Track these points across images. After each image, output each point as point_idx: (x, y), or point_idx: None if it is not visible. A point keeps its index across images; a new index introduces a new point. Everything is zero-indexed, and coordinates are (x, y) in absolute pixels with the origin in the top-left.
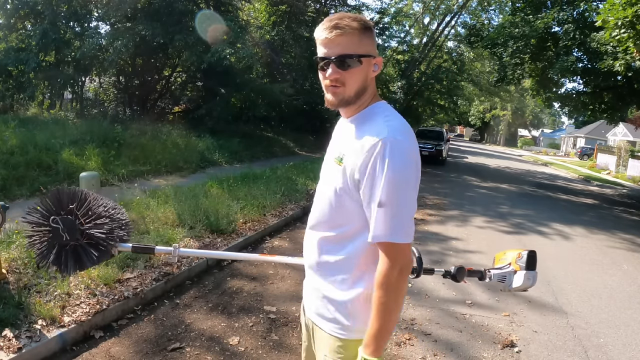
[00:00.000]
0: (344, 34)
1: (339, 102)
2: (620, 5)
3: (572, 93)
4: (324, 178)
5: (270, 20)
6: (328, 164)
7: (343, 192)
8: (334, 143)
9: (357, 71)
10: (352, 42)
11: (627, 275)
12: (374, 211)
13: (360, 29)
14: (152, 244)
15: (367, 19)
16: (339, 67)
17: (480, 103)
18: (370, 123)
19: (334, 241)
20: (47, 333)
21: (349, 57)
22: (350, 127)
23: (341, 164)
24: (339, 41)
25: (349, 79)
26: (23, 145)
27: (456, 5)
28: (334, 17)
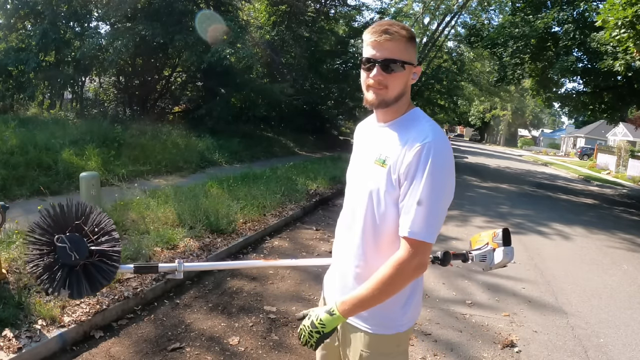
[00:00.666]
0: (392, 39)
1: (379, 103)
2: (620, 5)
3: (572, 93)
4: (361, 180)
5: (270, 20)
6: (365, 166)
7: (386, 194)
8: (369, 146)
9: (399, 76)
10: (399, 48)
11: (627, 275)
12: (413, 208)
13: (407, 38)
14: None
15: (413, 31)
16: (383, 70)
17: (480, 103)
18: (415, 127)
19: (373, 242)
20: (47, 333)
21: (394, 62)
22: (390, 131)
23: (385, 166)
24: (387, 46)
25: (392, 82)
26: (23, 145)
27: (456, 5)
28: (385, 22)
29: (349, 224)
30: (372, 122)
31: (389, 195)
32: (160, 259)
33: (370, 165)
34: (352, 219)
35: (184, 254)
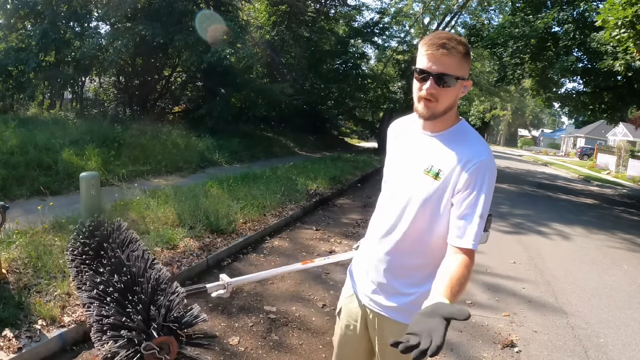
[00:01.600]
0: (449, 54)
1: (430, 115)
2: (620, 5)
3: (572, 93)
4: (407, 187)
5: (270, 20)
6: (412, 174)
7: (434, 203)
8: (416, 154)
9: (451, 90)
10: (454, 63)
11: (627, 275)
12: (476, 221)
13: (463, 53)
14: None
15: (468, 45)
16: (437, 83)
17: (480, 103)
18: (467, 143)
19: (413, 246)
20: (47, 333)
21: (449, 76)
22: (440, 143)
23: (438, 179)
24: (443, 60)
25: (443, 96)
26: (23, 145)
27: (456, 5)
28: (443, 35)
29: (391, 226)
30: (416, 129)
31: (437, 205)
32: (160, 259)
33: (419, 174)
34: (394, 221)
35: (184, 254)
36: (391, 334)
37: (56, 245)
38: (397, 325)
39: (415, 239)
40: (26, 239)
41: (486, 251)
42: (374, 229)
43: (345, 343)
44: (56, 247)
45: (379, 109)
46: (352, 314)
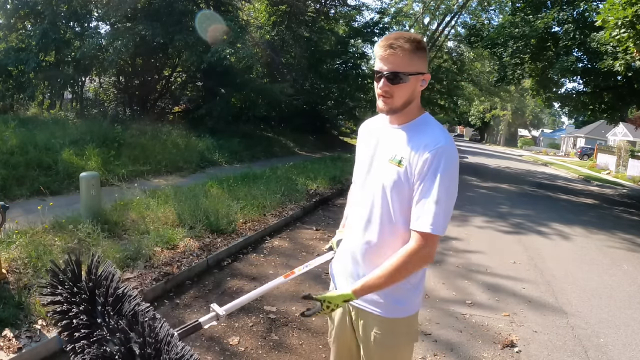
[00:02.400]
0: (395, 54)
1: (388, 110)
2: (620, 5)
3: (572, 93)
4: (376, 176)
5: (270, 20)
6: (379, 164)
7: (400, 191)
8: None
9: (404, 86)
10: (403, 61)
11: (627, 275)
12: (431, 205)
13: (411, 50)
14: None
15: (421, 40)
16: (389, 81)
17: (480, 103)
18: (428, 132)
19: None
20: (47, 333)
21: (397, 74)
22: (404, 133)
23: (401, 166)
24: (391, 60)
25: (397, 92)
26: (23, 145)
27: (456, 5)
28: (392, 36)
29: (366, 216)
30: (383, 124)
31: (403, 192)
32: (160, 259)
33: (385, 163)
34: (369, 212)
35: (184, 254)
36: (370, 328)
37: (56, 245)
38: (377, 318)
39: (390, 229)
40: (26, 239)
41: (486, 251)
42: (350, 222)
43: (337, 341)
44: (56, 247)
45: None
46: (339, 312)
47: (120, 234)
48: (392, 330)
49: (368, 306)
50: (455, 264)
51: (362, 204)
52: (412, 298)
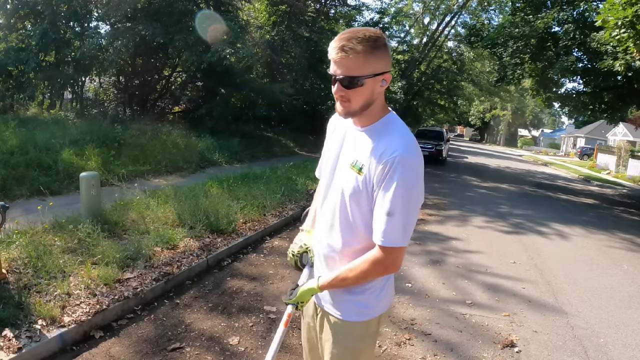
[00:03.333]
0: (348, 57)
1: (346, 114)
2: (620, 5)
3: (572, 93)
4: (338, 179)
5: (270, 20)
6: (341, 167)
7: (358, 198)
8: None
9: (360, 90)
10: (356, 64)
11: (627, 275)
12: (383, 219)
13: (364, 52)
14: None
15: (377, 38)
16: (343, 86)
17: (480, 103)
18: (386, 137)
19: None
20: (47, 333)
21: (351, 78)
22: (365, 137)
23: (361, 174)
24: (343, 63)
25: (353, 96)
26: (23, 145)
27: (456, 5)
28: (343, 37)
29: (330, 221)
30: (349, 123)
31: (362, 200)
32: (160, 259)
33: (346, 168)
34: (331, 216)
35: (184, 254)
36: (333, 329)
37: (56, 245)
38: (339, 320)
39: (350, 234)
40: (26, 239)
41: (486, 251)
42: (317, 224)
43: (308, 341)
44: (56, 247)
45: None
46: (309, 312)
47: (120, 234)
48: (353, 333)
49: (331, 308)
50: (455, 264)
51: (326, 206)
52: (376, 302)
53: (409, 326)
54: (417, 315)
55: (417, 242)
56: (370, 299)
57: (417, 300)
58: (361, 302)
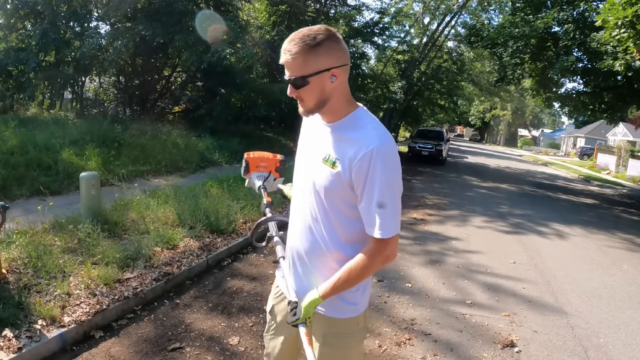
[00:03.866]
0: (288, 59)
1: (305, 113)
2: (620, 5)
3: (572, 93)
4: (310, 175)
5: (270, 20)
6: (313, 162)
7: (337, 193)
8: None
9: (308, 89)
10: (297, 65)
11: (627, 275)
12: (375, 211)
13: (302, 51)
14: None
15: (316, 36)
16: (293, 87)
17: (480, 103)
18: (359, 131)
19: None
20: (47, 333)
21: (297, 79)
22: (335, 132)
23: (335, 167)
24: (288, 66)
25: (304, 95)
26: (23, 145)
27: (456, 5)
28: (288, 39)
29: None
30: (320, 120)
31: (340, 194)
32: (160, 259)
33: (318, 162)
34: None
35: (184, 254)
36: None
37: (56, 245)
38: (326, 319)
39: (330, 229)
40: (26, 239)
41: (486, 251)
42: (292, 221)
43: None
44: (56, 247)
45: (379, 109)
46: (282, 312)
47: (120, 234)
48: (341, 330)
49: (320, 308)
50: (455, 264)
51: (302, 204)
52: (362, 298)
53: (409, 326)
54: (417, 315)
55: (417, 242)
56: (357, 295)
57: (417, 300)
58: (348, 298)
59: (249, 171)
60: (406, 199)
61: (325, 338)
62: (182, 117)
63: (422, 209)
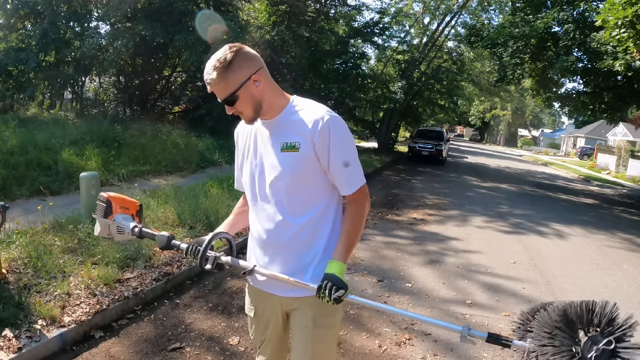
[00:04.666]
0: (214, 87)
1: (250, 122)
2: (620, 5)
3: (572, 93)
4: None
5: (270, 20)
6: (271, 156)
7: (305, 172)
8: (267, 140)
9: (241, 102)
10: (221, 88)
11: (627, 275)
12: (344, 170)
13: (219, 76)
14: (507, 338)
15: (224, 58)
16: (228, 105)
17: (480, 103)
18: (308, 112)
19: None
20: (47, 333)
21: (225, 100)
22: (281, 122)
23: (297, 150)
24: (215, 92)
25: (241, 108)
26: (23, 145)
27: (456, 5)
28: (205, 73)
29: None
30: (257, 123)
31: (309, 171)
32: (160, 259)
33: (276, 155)
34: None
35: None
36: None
37: (56, 245)
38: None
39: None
40: (26, 239)
41: (486, 251)
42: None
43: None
44: (56, 247)
45: (379, 109)
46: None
47: None
48: (328, 308)
49: (303, 293)
50: (455, 264)
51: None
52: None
53: (409, 326)
54: None
55: (416, 242)
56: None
57: (417, 300)
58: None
59: (112, 213)
60: (406, 198)
61: (315, 320)
62: (182, 117)
63: (422, 209)
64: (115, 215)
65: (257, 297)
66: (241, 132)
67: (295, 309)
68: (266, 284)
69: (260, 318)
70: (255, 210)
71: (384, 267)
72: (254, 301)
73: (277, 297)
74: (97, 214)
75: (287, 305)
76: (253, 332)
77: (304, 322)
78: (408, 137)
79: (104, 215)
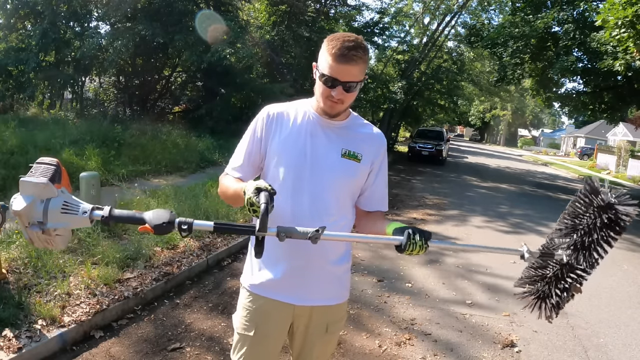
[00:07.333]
0: (357, 64)
1: (335, 114)
2: (620, 4)
3: (572, 93)
4: (326, 169)
5: (270, 20)
6: (327, 157)
7: (356, 182)
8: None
9: (355, 93)
10: (360, 71)
11: (627, 275)
12: (386, 191)
13: (365, 60)
14: None
15: (367, 47)
16: (345, 90)
17: (480, 103)
18: (366, 128)
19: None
20: (47, 333)
21: (354, 83)
22: (349, 129)
23: (358, 160)
24: (350, 69)
25: (349, 98)
26: (23, 145)
27: (456, 5)
28: (351, 43)
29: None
30: (314, 116)
31: (357, 181)
32: (160, 259)
33: (336, 157)
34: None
35: (184, 254)
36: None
37: None
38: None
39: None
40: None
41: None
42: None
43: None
44: None
45: (379, 109)
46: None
47: (120, 234)
48: (340, 314)
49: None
50: (455, 264)
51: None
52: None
53: (409, 326)
54: (417, 315)
55: None
56: (348, 277)
57: (417, 300)
58: (346, 282)
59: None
60: (406, 198)
61: (329, 327)
62: (182, 117)
63: (422, 209)
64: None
65: (261, 312)
66: (277, 117)
67: (308, 317)
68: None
69: (264, 338)
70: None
71: (384, 267)
72: (257, 317)
73: (290, 307)
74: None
75: (300, 315)
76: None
77: (318, 329)
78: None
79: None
